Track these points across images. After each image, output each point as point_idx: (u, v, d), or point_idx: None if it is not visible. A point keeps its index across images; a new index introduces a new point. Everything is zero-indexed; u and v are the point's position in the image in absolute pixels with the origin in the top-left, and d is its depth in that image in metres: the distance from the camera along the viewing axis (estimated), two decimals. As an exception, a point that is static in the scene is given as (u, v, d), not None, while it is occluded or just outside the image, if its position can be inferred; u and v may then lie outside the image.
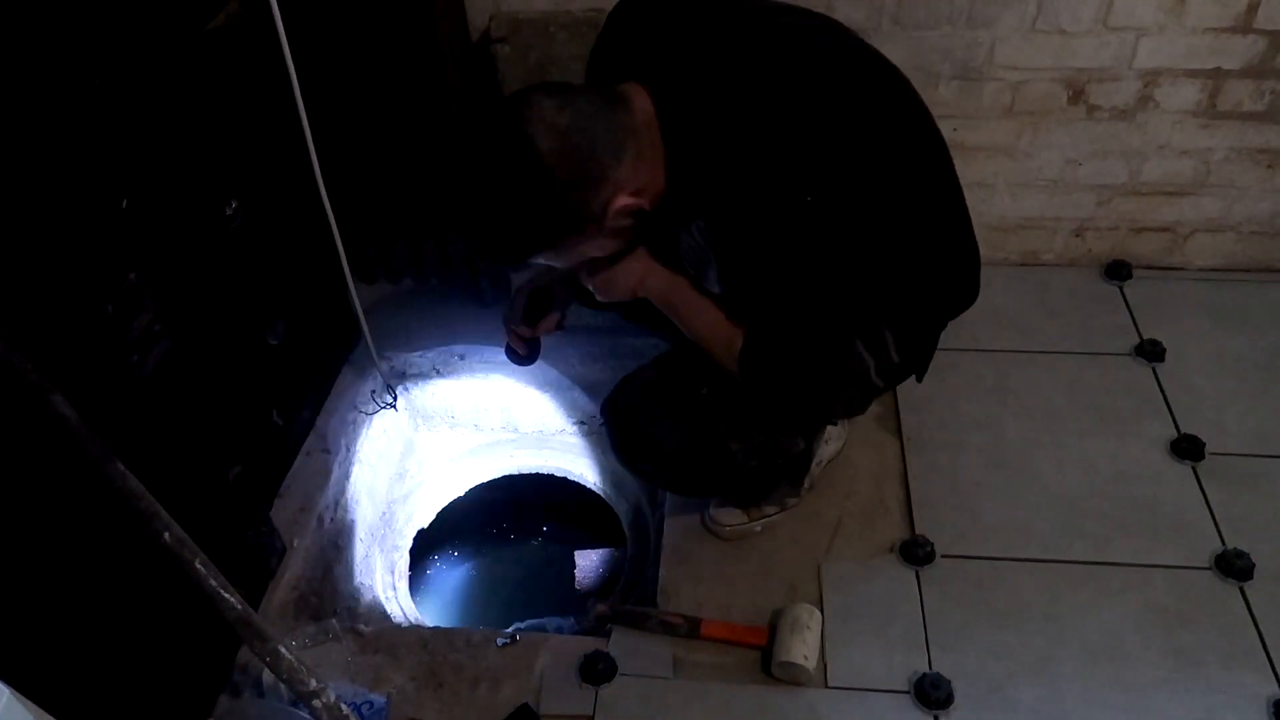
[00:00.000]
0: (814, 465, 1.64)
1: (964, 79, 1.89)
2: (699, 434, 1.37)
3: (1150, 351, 1.94)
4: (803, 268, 1.20)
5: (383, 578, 1.91)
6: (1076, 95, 1.91)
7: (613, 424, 1.43)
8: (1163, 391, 1.88)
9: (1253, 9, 1.77)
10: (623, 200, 1.16)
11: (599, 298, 1.49)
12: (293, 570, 1.65)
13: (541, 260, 1.24)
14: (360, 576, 1.89)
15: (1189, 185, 2.03)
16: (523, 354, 1.57)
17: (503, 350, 1.61)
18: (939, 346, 1.55)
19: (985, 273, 1.51)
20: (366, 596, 1.86)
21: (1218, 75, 1.86)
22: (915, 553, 1.60)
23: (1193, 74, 1.86)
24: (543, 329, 1.54)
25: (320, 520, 1.76)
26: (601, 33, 1.36)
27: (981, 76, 1.89)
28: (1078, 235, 2.13)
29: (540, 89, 1.14)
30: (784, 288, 1.22)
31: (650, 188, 1.20)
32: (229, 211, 1.54)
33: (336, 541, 1.81)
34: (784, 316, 1.25)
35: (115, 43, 1.25)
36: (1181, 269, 2.15)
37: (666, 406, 1.38)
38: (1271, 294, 2.08)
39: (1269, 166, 1.98)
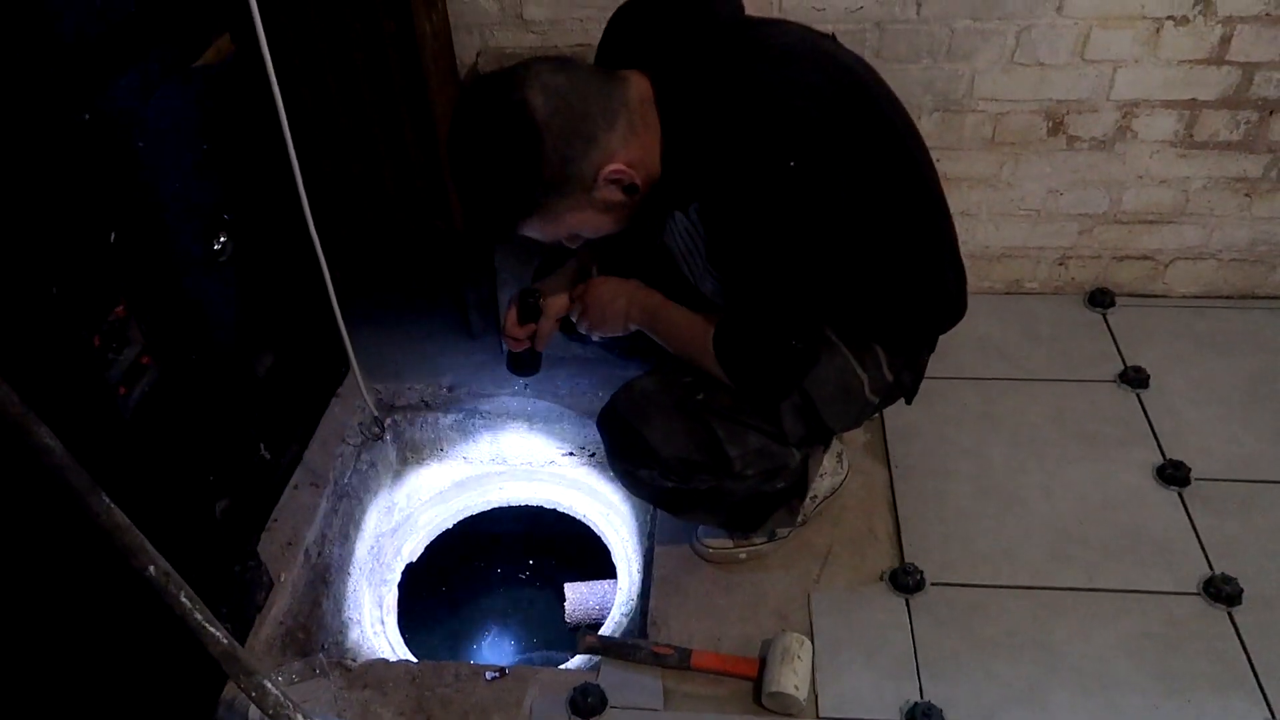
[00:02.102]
0: (809, 500, 1.64)
1: (945, 111, 1.93)
2: (695, 438, 1.37)
3: (1134, 378, 1.96)
4: (779, 229, 1.22)
5: (370, 612, 1.90)
6: (1056, 126, 1.94)
7: (608, 430, 1.43)
8: (1148, 418, 1.89)
9: (1226, 41, 1.81)
10: (613, 167, 1.19)
11: (594, 335, 1.50)
12: (280, 605, 1.63)
13: (531, 230, 1.25)
14: (348, 611, 1.87)
15: (1169, 214, 2.06)
16: (523, 365, 1.56)
17: (488, 385, 1.60)
18: (926, 374, 1.57)
19: (970, 302, 1.53)
20: (354, 631, 1.85)
21: (1194, 106, 1.90)
22: (905, 581, 1.60)
23: (1169, 105, 1.90)
24: (539, 335, 1.54)
25: (308, 554, 1.75)
26: (602, 37, 1.40)
27: (962, 108, 1.92)
28: (1061, 264, 2.16)
29: (539, 58, 1.19)
30: (759, 251, 1.24)
31: (643, 165, 1.23)
32: (217, 245, 1.55)
33: (324, 576, 1.79)
34: (758, 286, 1.27)
35: (103, 77, 1.26)
36: (1164, 296, 2.18)
37: (662, 411, 1.38)
38: (1253, 320, 2.10)
39: (1246, 195, 2.01)
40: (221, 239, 1.56)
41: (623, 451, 1.42)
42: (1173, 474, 1.75)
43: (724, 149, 1.19)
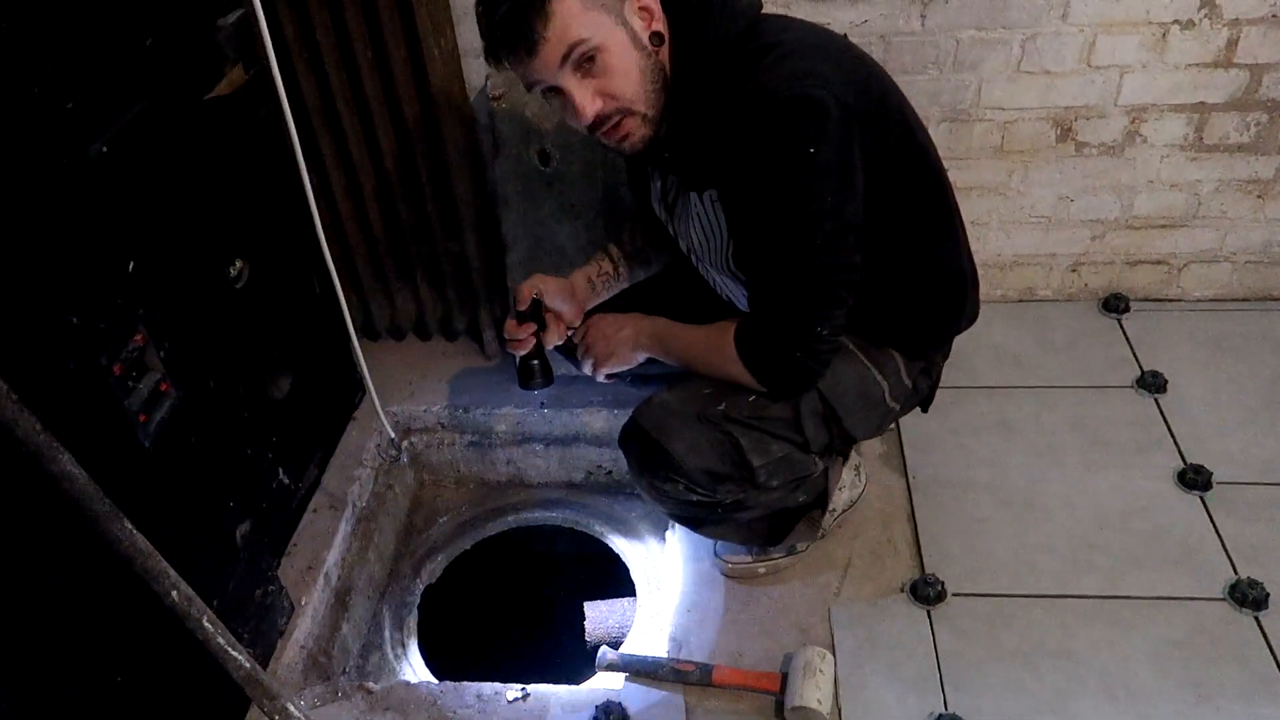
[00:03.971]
0: (829, 515, 1.64)
1: (954, 120, 1.93)
2: (718, 449, 1.37)
3: (1152, 383, 1.95)
4: (800, 217, 1.22)
5: (391, 634, 1.90)
6: (1065, 133, 1.94)
7: (631, 445, 1.43)
8: (1166, 423, 1.88)
9: (1233, 44, 1.81)
10: None
11: (604, 371, 1.51)
12: (301, 629, 1.64)
13: (563, 12, 1.17)
14: (369, 634, 1.88)
15: (1181, 218, 2.05)
16: (532, 376, 1.55)
17: (504, 406, 1.60)
18: (941, 384, 1.57)
19: (983, 310, 1.53)
20: (375, 654, 1.85)
21: (1203, 109, 1.89)
22: (926, 592, 1.59)
23: (1178, 109, 1.90)
24: (546, 337, 1.53)
25: (328, 578, 1.75)
26: None
27: (970, 118, 1.93)
28: (1074, 270, 2.15)
29: None
30: (781, 239, 1.24)
31: (663, 44, 1.25)
32: (234, 271, 1.57)
33: (344, 599, 1.80)
34: (780, 274, 1.27)
35: (121, 110, 1.28)
36: (1179, 300, 2.17)
37: (684, 423, 1.38)
38: (1270, 322, 2.09)
39: (1259, 196, 2.01)
40: (237, 265, 1.58)
41: (647, 466, 1.42)
42: (1194, 479, 1.74)
43: (744, 136, 1.20)
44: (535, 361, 1.54)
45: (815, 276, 1.25)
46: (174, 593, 1.11)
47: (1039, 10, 1.78)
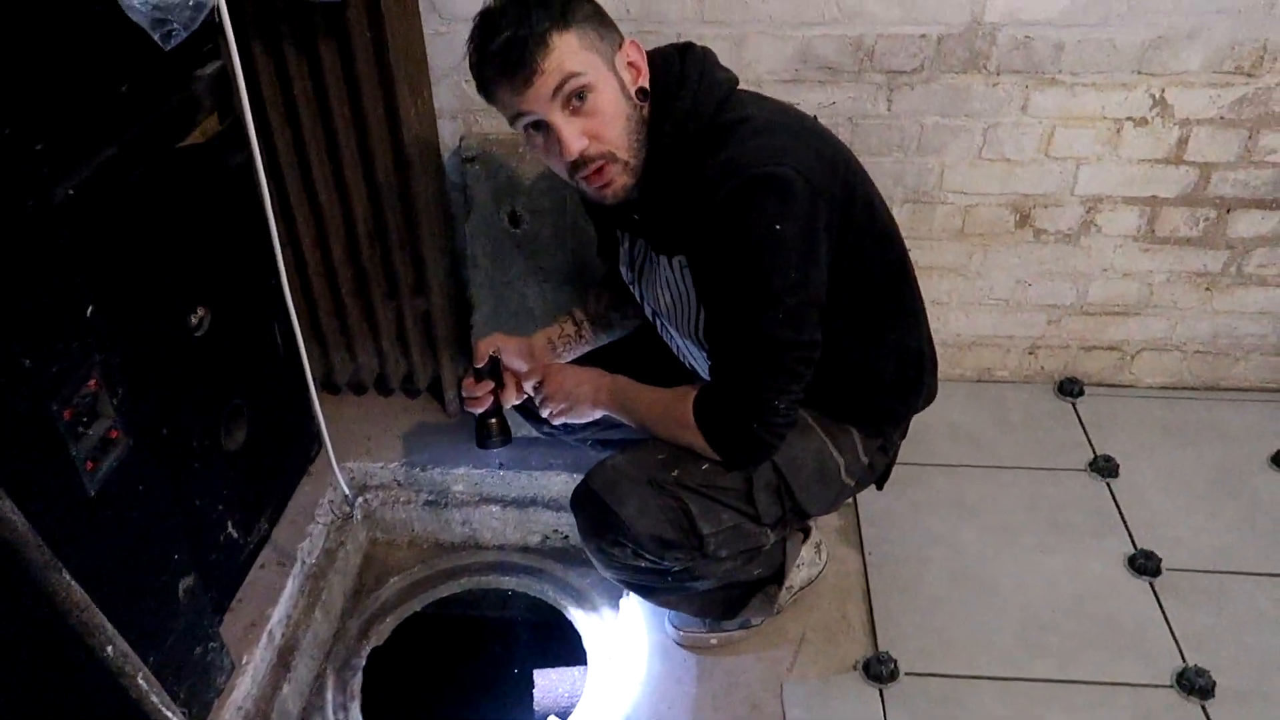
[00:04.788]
0: (784, 591, 1.63)
1: (916, 202, 1.98)
2: (669, 515, 1.36)
3: (1104, 467, 1.98)
4: (764, 293, 1.23)
5: (334, 697, 1.84)
6: (1023, 219, 2.00)
7: (582, 507, 1.42)
8: (1118, 507, 1.90)
9: (1183, 142, 1.88)
10: (635, 41, 1.28)
11: (561, 422, 1.51)
12: (240, 689, 1.59)
13: (559, 46, 1.19)
14: (310, 696, 1.82)
15: (1134, 306, 2.11)
16: (489, 435, 1.54)
17: (462, 465, 1.59)
18: (899, 460, 1.58)
19: (942, 389, 1.56)
20: (316, 717, 1.79)
21: (1155, 203, 1.96)
22: (879, 670, 1.58)
23: (1131, 201, 1.96)
24: (503, 395, 1.53)
25: (271, 636, 1.71)
26: None
27: (933, 200, 1.98)
28: (1030, 353, 2.20)
29: None
30: (744, 313, 1.26)
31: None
32: (195, 319, 1.55)
33: (287, 660, 1.75)
34: (743, 347, 1.28)
35: (91, 154, 1.28)
36: (1131, 386, 2.22)
37: (635, 487, 1.37)
38: (1218, 411, 2.14)
39: (1207, 289, 2.07)
40: (199, 313, 1.56)
41: (596, 529, 1.41)
42: (1144, 564, 1.76)
43: (712, 209, 1.21)
44: (493, 420, 1.54)
45: (776, 351, 1.27)
46: (109, 648, 1.07)
47: (1000, 101, 1.84)
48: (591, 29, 1.22)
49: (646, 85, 1.27)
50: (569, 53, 1.19)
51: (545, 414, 1.52)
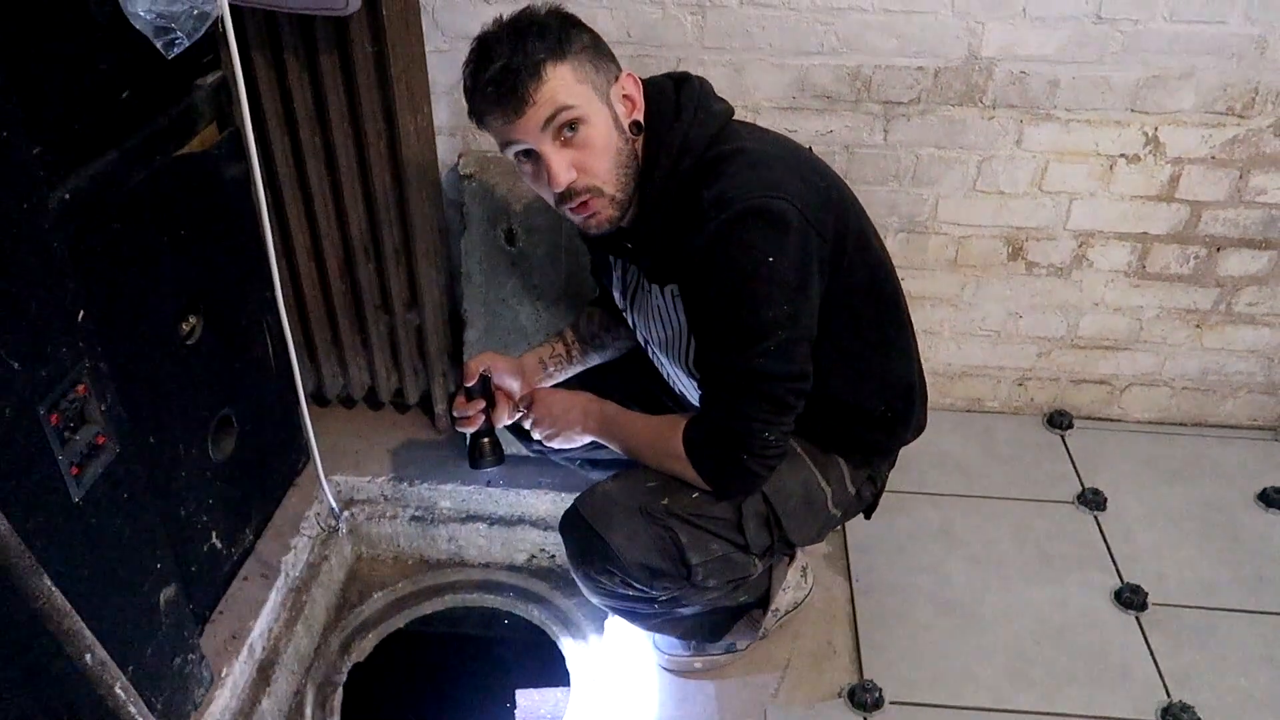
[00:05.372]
0: (770, 615, 1.63)
1: (910, 231, 1.99)
2: (658, 544, 1.35)
3: (1092, 500, 1.98)
4: (755, 324, 1.23)
5: (313, 713, 1.83)
6: (1016, 251, 2.01)
7: (571, 533, 1.41)
8: (1105, 540, 1.90)
9: (1175, 180, 1.90)
10: (631, 74, 1.28)
11: (552, 445, 1.50)
12: (219, 702, 1.57)
13: (553, 79, 1.19)
14: (290, 711, 1.80)
15: (1124, 341, 2.12)
16: (482, 455, 1.53)
17: (450, 482, 1.58)
18: (887, 489, 1.58)
19: (932, 418, 1.56)
20: (294, 733, 1.78)
21: (1146, 239, 1.98)
22: (863, 698, 1.57)
23: (1123, 236, 1.98)
24: (494, 415, 1.53)
25: (252, 649, 1.69)
26: None
27: (926, 230, 1.99)
28: (1020, 384, 2.20)
29: None
30: (735, 343, 1.26)
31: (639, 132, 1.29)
32: (186, 328, 1.55)
33: (267, 673, 1.73)
34: (732, 379, 1.28)
35: (89, 159, 1.28)
36: (1120, 420, 2.22)
37: (625, 515, 1.36)
38: (1205, 448, 2.15)
39: (1197, 326, 2.08)
40: (191, 321, 1.56)
41: (585, 556, 1.40)
42: (1130, 598, 1.76)
43: (705, 239, 1.21)
44: (485, 440, 1.53)
45: (766, 383, 1.26)
46: (88, 655, 1.06)
47: (995, 135, 1.86)
48: (588, 60, 1.22)
49: (641, 119, 1.28)
50: (562, 85, 1.20)
51: (537, 436, 1.52)
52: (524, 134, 1.22)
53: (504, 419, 1.54)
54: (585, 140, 1.23)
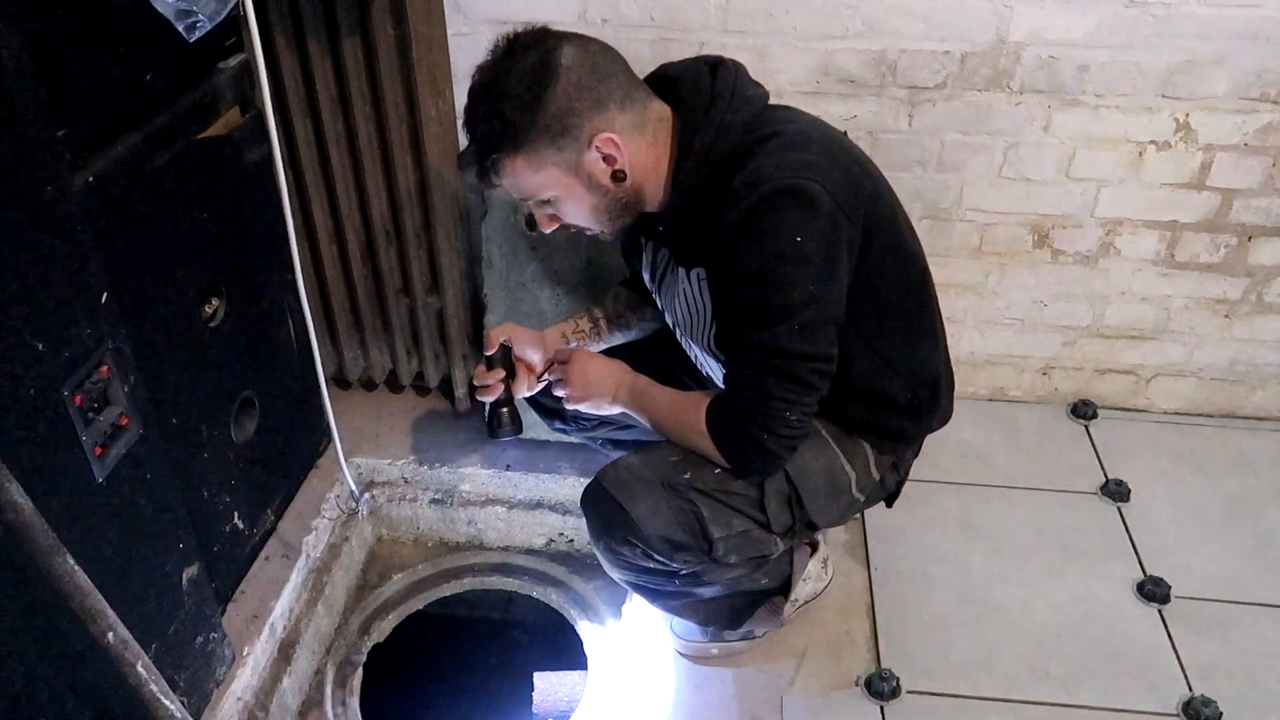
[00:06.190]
0: (790, 604, 1.62)
1: (935, 219, 1.97)
2: (680, 517, 1.36)
3: (1116, 491, 1.96)
4: (782, 306, 1.24)
5: (333, 692, 1.84)
6: (1041, 239, 1.98)
7: (592, 505, 1.41)
8: (1128, 532, 1.89)
9: (1206, 168, 1.87)
10: (607, 135, 1.23)
11: (577, 408, 1.50)
12: (240, 680, 1.59)
13: (511, 173, 1.25)
14: (310, 690, 1.82)
15: (1150, 330, 2.09)
16: (500, 424, 1.54)
17: (470, 464, 1.59)
18: (909, 478, 1.57)
19: (955, 406, 1.54)
20: (314, 711, 1.79)
21: (1175, 227, 1.95)
22: (881, 688, 1.57)
23: (1151, 225, 1.95)
24: (515, 384, 1.53)
25: (273, 629, 1.71)
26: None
27: (951, 217, 1.97)
28: (1044, 374, 2.18)
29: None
30: (761, 323, 1.25)
31: (638, 166, 1.28)
32: (209, 310, 1.56)
33: (288, 653, 1.75)
34: (757, 358, 1.27)
35: (112, 141, 1.29)
36: (1146, 411, 2.20)
37: (647, 488, 1.36)
38: (1232, 439, 2.12)
39: (1226, 316, 2.05)
40: (213, 303, 1.57)
41: (606, 527, 1.41)
42: (1153, 590, 1.74)
43: (734, 218, 1.21)
44: (504, 409, 1.53)
45: (789, 362, 1.26)
46: (110, 634, 1.07)
47: (1022, 121, 1.84)
48: (545, 144, 1.23)
49: (626, 166, 1.27)
50: (523, 177, 1.26)
51: (560, 395, 1.51)
52: (508, 194, 1.32)
53: (523, 390, 1.54)
54: (558, 209, 1.32)
